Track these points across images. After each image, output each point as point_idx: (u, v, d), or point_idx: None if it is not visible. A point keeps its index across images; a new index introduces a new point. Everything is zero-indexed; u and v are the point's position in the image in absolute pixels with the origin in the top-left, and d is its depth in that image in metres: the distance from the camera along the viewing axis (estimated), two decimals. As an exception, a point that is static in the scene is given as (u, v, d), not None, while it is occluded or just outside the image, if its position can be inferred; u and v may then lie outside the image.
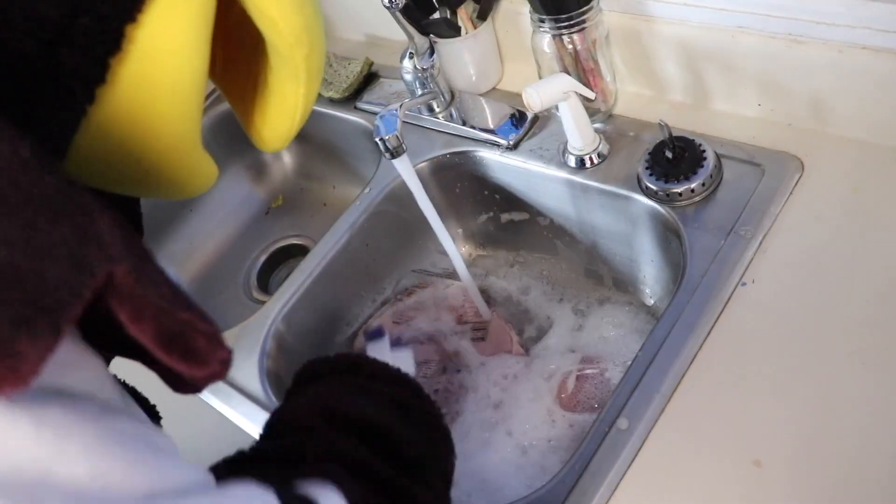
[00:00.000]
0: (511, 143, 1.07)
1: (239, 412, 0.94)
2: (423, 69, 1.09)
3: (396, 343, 1.06)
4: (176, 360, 0.39)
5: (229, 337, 1.03)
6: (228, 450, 0.91)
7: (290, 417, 0.63)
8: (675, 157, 0.91)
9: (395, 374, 0.70)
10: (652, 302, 1.06)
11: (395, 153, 0.91)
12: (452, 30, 1.11)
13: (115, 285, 0.36)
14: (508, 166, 1.08)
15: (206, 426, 0.96)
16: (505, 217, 1.18)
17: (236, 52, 0.54)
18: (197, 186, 0.52)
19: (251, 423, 0.93)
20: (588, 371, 0.99)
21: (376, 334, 1.06)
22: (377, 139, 0.90)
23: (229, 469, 0.57)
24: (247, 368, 0.99)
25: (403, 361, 1.04)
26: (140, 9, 0.40)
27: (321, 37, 0.50)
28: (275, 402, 0.95)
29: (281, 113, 0.54)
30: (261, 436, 0.64)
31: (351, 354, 0.74)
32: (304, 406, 0.63)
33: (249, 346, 1.01)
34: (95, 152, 0.44)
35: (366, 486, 0.54)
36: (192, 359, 0.39)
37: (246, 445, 0.61)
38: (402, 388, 0.68)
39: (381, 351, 1.05)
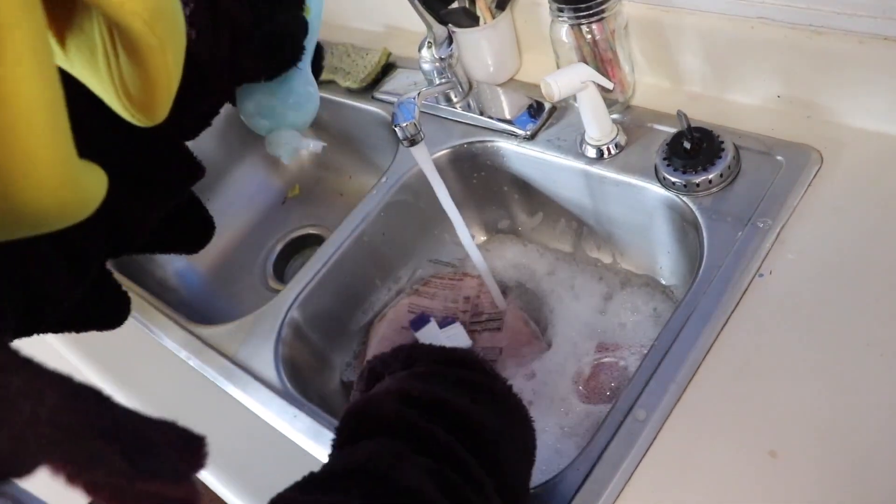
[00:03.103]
0: (528, 133, 1.07)
1: (254, 399, 0.95)
2: (441, 59, 1.08)
3: (443, 322, 1.06)
4: None
5: (245, 324, 1.04)
6: (243, 435, 0.92)
7: (366, 408, 0.62)
8: (693, 148, 0.90)
9: (459, 357, 0.70)
10: (669, 291, 1.06)
11: (412, 141, 0.91)
12: (471, 19, 1.11)
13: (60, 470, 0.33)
14: (526, 156, 1.08)
15: (221, 413, 0.96)
16: (521, 207, 1.18)
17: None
18: (80, 209, 0.47)
19: (267, 409, 0.93)
20: (606, 360, 0.98)
21: (421, 321, 1.06)
22: (395, 126, 0.90)
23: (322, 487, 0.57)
24: (262, 355, 1.00)
25: (458, 336, 1.04)
26: None
27: (176, 4, 0.48)
28: (290, 389, 0.95)
29: (154, 87, 0.50)
30: (335, 434, 0.64)
31: (404, 348, 0.74)
32: (379, 394, 0.63)
33: (265, 333, 1.02)
34: None
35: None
36: None
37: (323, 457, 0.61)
38: (465, 369, 0.69)
39: (432, 335, 1.05)
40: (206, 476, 0.92)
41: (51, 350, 1.15)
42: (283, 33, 0.67)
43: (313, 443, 0.88)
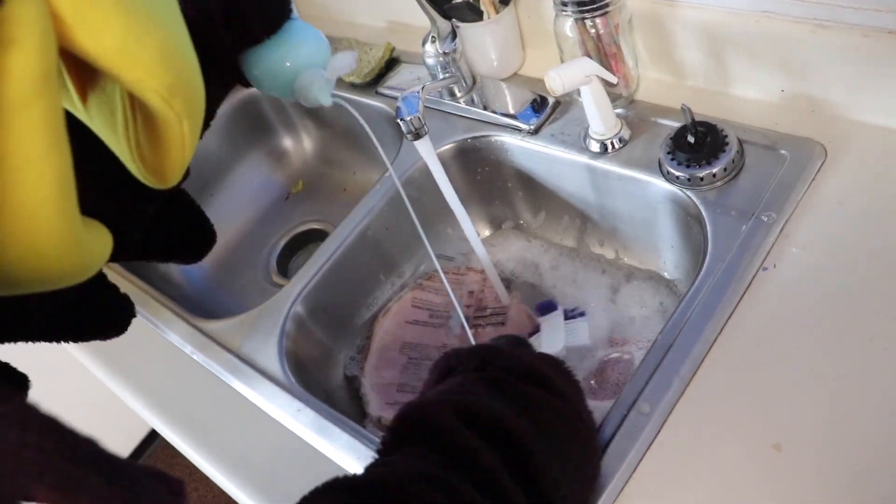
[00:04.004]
0: (532, 127, 1.07)
1: (259, 393, 0.95)
2: (445, 53, 1.09)
3: (571, 314, 1.05)
4: None
5: (249, 319, 1.04)
6: (247, 429, 0.92)
7: (422, 415, 0.62)
8: (698, 142, 0.90)
9: (528, 369, 0.69)
10: (673, 285, 1.06)
11: (417, 134, 0.91)
12: (475, 14, 1.11)
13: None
14: (529, 151, 1.08)
15: (226, 407, 0.96)
16: (525, 202, 1.18)
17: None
18: (83, 271, 0.48)
19: (271, 403, 0.93)
20: (613, 355, 0.98)
21: (548, 307, 1.05)
22: (399, 120, 0.90)
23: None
24: (266, 350, 1.00)
25: (580, 333, 1.03)
26: None
27: (195, 75, 0.48)
28: (294, 383, 0.95)
29: (169, 154, 0.51)
30: (387, 434, 0.63)
31: (482, 346, 0.74)
32: (438, 402, 0.62)
33: (269, 327, 1.02)
34: None
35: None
36: None
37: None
38: (535, 385, 0.68)
39: (555, 323, 1.04)
40: (209, 470, 0.92)
41: (54, 345, 1.15)
42: None
43: (317, 436, 0.88)
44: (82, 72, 0.48)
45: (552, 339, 1.03)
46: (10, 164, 0.38)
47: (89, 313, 0.65)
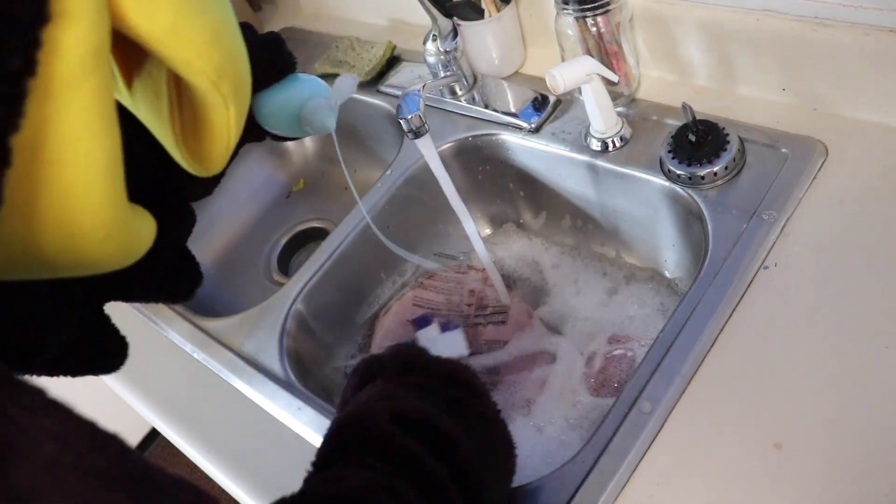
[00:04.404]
0: (533, 126, 1.07)
1: (259, 391, 0.95)
2: (446, 52, 1.09)
3: (446, 326, 1.06)
4: None
5: (250, 317, 1.04)
6: (248, 427, 0.92)
7: (359, 423, 0.62)
8: (699, 141, 0.90)
9: (449, 372, 0.70)
10: (674, 284, 1.06)
11: (417, 133, 0.91)
12: (476, 12, 1.11)
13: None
14: (530, 150, 1.08)
15: (226, 405, 0.96)
16: (526, 200, 1.18)
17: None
18: (129, 254, 0.48)
19: (271, 402, 0.93)
20: (616, 352, 0.98)
21: (423, 322, 1.06)
22: (400, 119, 0.90)
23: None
24: (267, 348, 1.00)
25: (456, 343, 1.04)
26: (21, 114, 0.36)
27: (243, 60, 0.49)
28: (294, 382, 0.95)
29: (214, 140, 0.52)
30: (324, 445, 0.63)
31: (402, 351, 0.74)
32: (372, 410, 0.62)
33: (270, 325, 1.02)
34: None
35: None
36: None
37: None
38: (457, 388, 0.68)
39: (431, 336, 1.05)
40: (210, 469, 0.92)
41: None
42: (274, 37, 0.69)
43: (318, 435, 0.88)
44: (128, 56, 0.48)
45: (446, 348, 1.04)
46: (60, 141, 0.38)
47: (90, 349, 0.64)
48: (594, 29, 0.97)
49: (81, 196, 0.41)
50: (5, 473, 0.30)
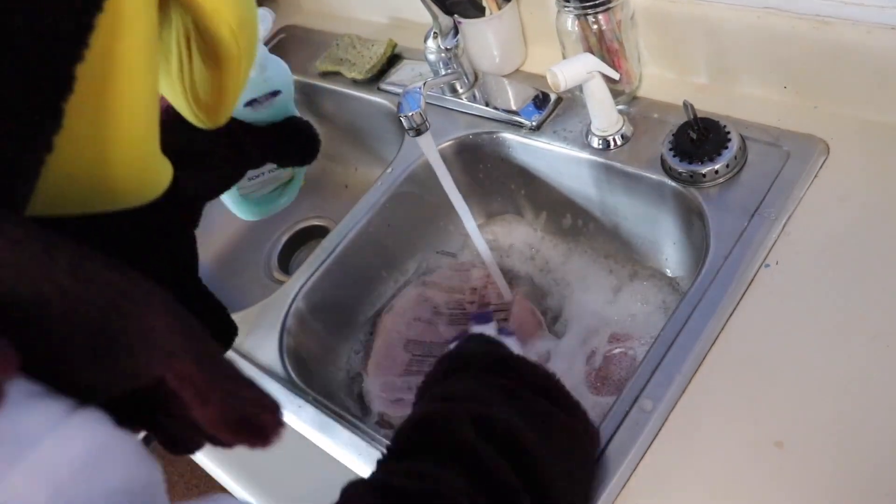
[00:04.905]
0: (534, 124, 1.07)
1: (259, 389, 0.95)
2: (447, 49, 1.08)
3: (503, 331, 1.06)
4: (242, 440, 0.39)
5: (250, 315, 1.04)
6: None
7: (442, 424, 0.62)
8: (700, 139, 0.90)
9: (541, 381, 0.70)
10: (675, 282, 1.05)
11: (418, 130, 0.91)
12: (477, 10, 1.11)
13: (178, 374, 0.37)
14: (531, 147, 1.08)
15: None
16: (527, 198, 1.18)
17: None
18: (155, 188, 0.53)
19: (271, 399, 0.93)
20: (616, 351, 0.98)
21: (483, 318, 1.05)
22: (401, 116, 0.90)
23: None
24: (267, 346, 1.00)
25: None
26: (86, 45, 0.39)
27: (255, 18, 0.53)
28: (295, 380, 0.95)
29: (224, 92, 0.56)
30: (400, 435, 0.63)
31: (492, 349, 0.75)
32: (457, 412, 0.63)
33: (270, 323, 1.02)
34: (54, 189, 0.44)
35: None
36: (257, 437, 0.39)
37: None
38: (548, 399, 0.69)
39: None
40: (210, 466, 0.92)
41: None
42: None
43: (319, 433, 0.88)
44: None
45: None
46: (118, 74, 0.43)
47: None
48: (595, 27, 0.96)
49: (129, 127, 0.46)
50: None
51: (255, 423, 0.39)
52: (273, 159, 0.88)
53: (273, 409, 0.40)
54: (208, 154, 0.77)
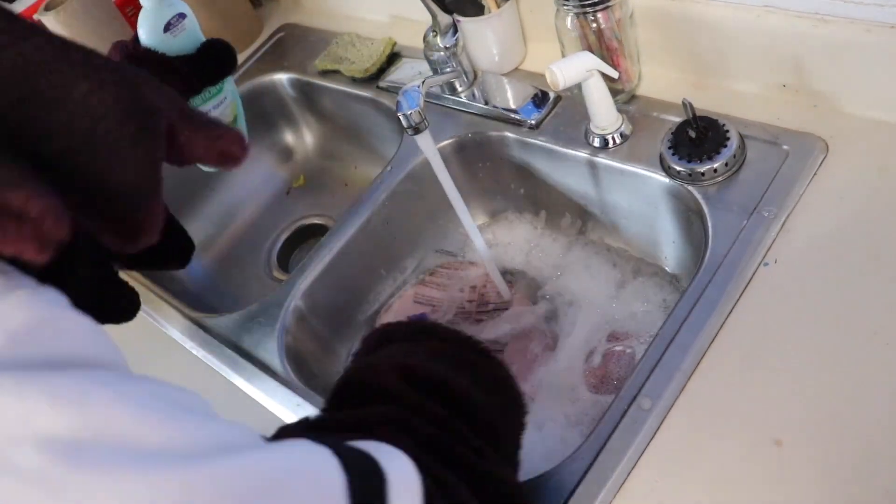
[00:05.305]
0: (533, 122, 1.07)
1: (259, 388, 0.95)
2: (447, 48, 1.08)
3: None
4: (221, 165, 0.55)
5: (249, 314, 1.04)
6: (247, 424, 0.92)
7: (367, 377, 0.62)
8: (699, 137, 0.90)
9: (465, 338, 0.71)
10: (675, 281, 1.05)
11: (417, 129, 0.91)
12: (476, 8, 1.10)
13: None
14: (531, 146, 1.08)
15: (226, 402, 0.96)
16: (526, 196, 1.18)
17: None
18: None
19: (271, 399, 0.93)
20: (616, 349, 0.98)
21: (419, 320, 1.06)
22: (400, 115, 0.90)
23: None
24: (266, 344, 1.00)
25: None
26: None
27: None
28: (294, 379, 0.95)
29: None
30: (330, 398, 0.63)
31: (417, 321, 0.76)
32: (381, 366, 0.63)
33: (269, 321, 1.02)
34: None
35: (438, 456, 0.54)
36: (230, 163, 0.55)
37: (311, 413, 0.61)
38: (474, 353, 0.69)
39: None
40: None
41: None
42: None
43: (318, 431, 0.88)
44: None
45: None
46: None
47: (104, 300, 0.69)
48: (594, 25, 0.96)
49: None
50: None
51: (229, 153, 0.54)
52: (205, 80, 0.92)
53: (241, 142, 0.55)
54: None
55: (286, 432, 0.56)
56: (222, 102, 1.04)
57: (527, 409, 0.69)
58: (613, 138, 0.99)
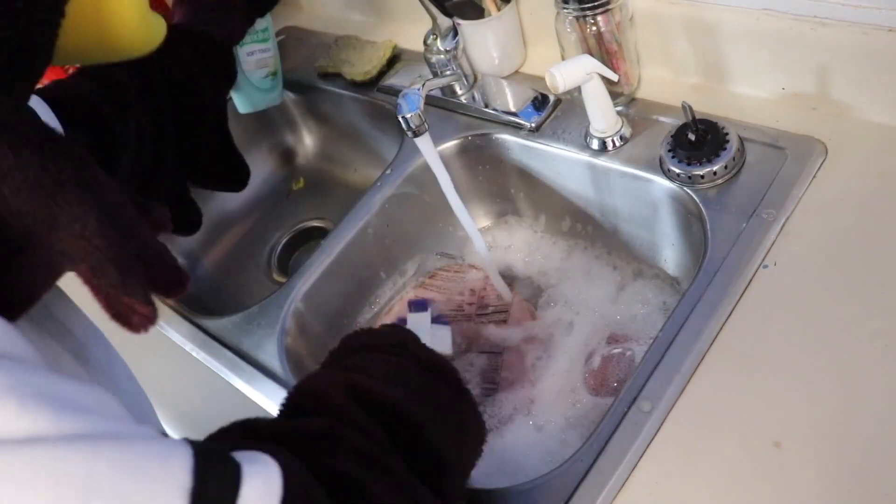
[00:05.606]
0: (533, 125, 1.07)
1: (258, 390, 0.95)
2: (447, 51, 1.09)
3: (437, 319, 1.06)
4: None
5: (249, 316, 1.04)
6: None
7: (317, 387, 0.64)
8: (698, 140, 0.90)
9: (437, 362, 0.71)
10: (675, 283, 1.06)
11: (417, 132, 0.91)
12: (476, 11, 1.11)
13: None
14: (530, 149, 1.08)
15: (226, 404, 0.96)
16: (526, 199, 1.18)
17: None
18: (153, 40, 0.67)
19: (271, 401, 0.93)
20: (615, 351, 0.98)
21: (420, 305, 1.06)
22: (400, 117, 0.90)
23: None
24: (266, 347, 1.00)
25: (442, 339, 1.04)
26: None
27: None
28: (293, 380, 0.95)
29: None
30: (283, 404, 0.65)
31: (398, 331, 0.76)
32: (336, 379, 0.64)
33: (269, 324, 1.02)
34: (69, 46, 0.55)
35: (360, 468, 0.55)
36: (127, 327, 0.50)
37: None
38: (441, 381, 0.70)
39: (421, 322, 1.05)
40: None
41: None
42: None
43: (318, 434, 0.88)
44: None
45: (433, 340, 1.04)
46: None
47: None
48: (594, 28, 0.97)
49: None
50: None
51: (127, 319, 0.49)
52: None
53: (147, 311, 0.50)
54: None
55: (223, 433, 0.58)
56: (267, 52, 1.23)
57: (484, 441, 0.71)
58: (613, 141, 0.99)
